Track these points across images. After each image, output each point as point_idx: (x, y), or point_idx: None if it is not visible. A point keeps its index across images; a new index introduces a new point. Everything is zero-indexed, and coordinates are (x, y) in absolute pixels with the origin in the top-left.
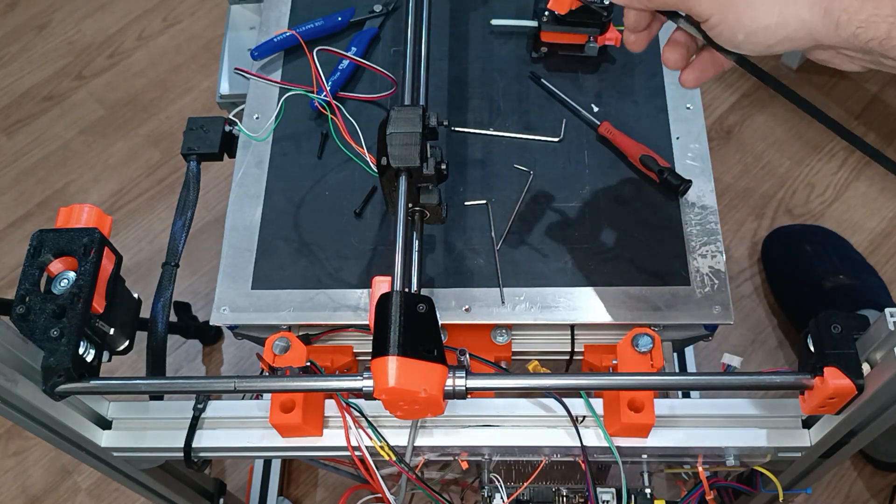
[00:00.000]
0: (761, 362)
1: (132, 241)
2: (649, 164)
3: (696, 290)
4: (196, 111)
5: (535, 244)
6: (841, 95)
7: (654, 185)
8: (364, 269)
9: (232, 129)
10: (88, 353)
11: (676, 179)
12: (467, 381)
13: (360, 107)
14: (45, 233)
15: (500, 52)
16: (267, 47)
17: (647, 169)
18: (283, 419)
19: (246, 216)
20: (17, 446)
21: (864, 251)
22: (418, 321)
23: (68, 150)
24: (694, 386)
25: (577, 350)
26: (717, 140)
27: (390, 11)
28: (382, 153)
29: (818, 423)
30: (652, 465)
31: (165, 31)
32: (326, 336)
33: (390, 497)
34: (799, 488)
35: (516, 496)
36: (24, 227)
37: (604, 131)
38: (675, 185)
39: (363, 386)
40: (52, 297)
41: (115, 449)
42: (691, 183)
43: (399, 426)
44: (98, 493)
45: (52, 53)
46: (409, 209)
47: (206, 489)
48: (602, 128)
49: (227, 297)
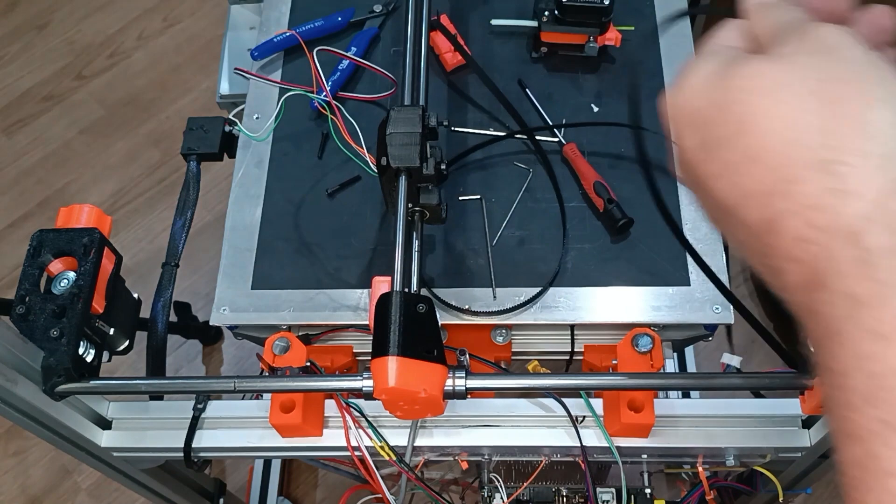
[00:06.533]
0: (761, 362)
1: (132, 241)
2: (600, 191)
3: (696, 290)
4: (196, 111)
5: (535, 244)
6: None
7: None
8: (364, 269)
9: (232, 129)
10: (88, 353)
11: (620, 214)
12: (467, 381)
13: (360, 107)
14: (45, 233)
15: (500, 52)
16: (267, 47)
17: (597, 196)
18: (283, 419)
19: (246, 216)
20: (17, 446)
21: None
22: (418, 321)
23: (68, 150)
24: (694, 386)
25: (577, 350)
26: None
27: (390, 11)
28: (382, 153)
29: (818, 423)
30: (652, 465)
31: (165, 31)
32: (326, 336)
33: (390, 497)
34: (799, 488)
35: (516, 496)
36: (24, 227)
37: (567, 151)
38: (617, 219)
39: (363, 386)
40: (52, 297)
41: (115, 449)
42: (633, 222)
43: (399, 426)
44: (98, 493)
45: (52, 53)
46: (409, 209)
47: (206, 489)
48: (567, 147)
49: (227, 297)
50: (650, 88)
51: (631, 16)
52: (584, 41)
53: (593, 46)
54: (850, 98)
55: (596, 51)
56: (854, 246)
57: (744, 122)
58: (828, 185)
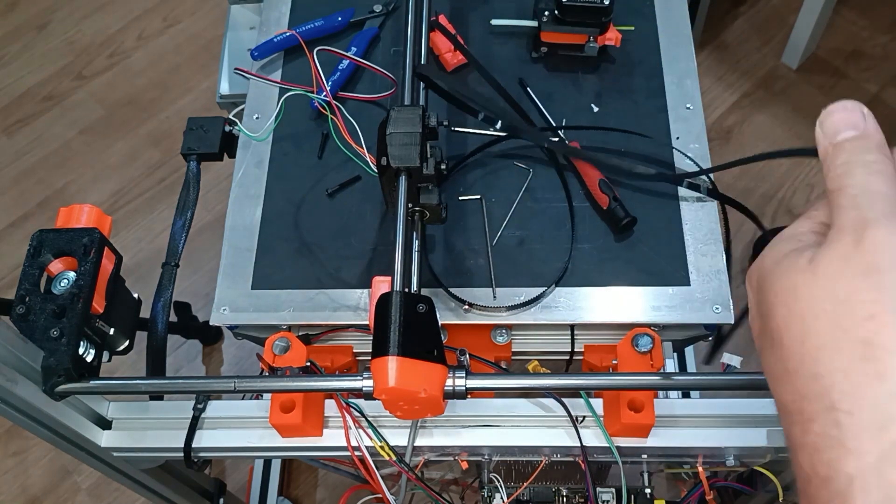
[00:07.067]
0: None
1: (132, 241)
2: (604, 189)
3: (696, 290)
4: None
5: (536, 244)
6: (841, 95)
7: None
8: (364, 269)
9: (232, 129)
10: (88, 353)
11: (623, 213)
12: (467, 381)
13: (360, 107)
14: (45, 233)
15: (500, 52)
16: (267, 47)
17: (602, 193)
18: (283, 419)
19: (246, 216)
20: (17, 446)
21: None
22: (418, 321)
23: (68, 150)
24: (694, 386)
25: (577, 350)
26: (717, 140)
27: (390, 11)
28: (382, 153)
29: None
30: (652, 465)
31: (165, 31)
32: (326, 336)
33: (390, 497)
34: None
35: (516, 496)
36: (24, 227)
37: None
38: (620, 218)
39: (363, 386)
40: (52, 297)
41: (115, 449)
42: (636, 220)
43: (399, 426)
44: (98, 493)
45: (52, 53)
46: (409, 209)
47: (206, 489)
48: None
49: (227, 297)
50: (650, 88)
51: (631, 16)
52: (584, 41)
53: (593, 46)
54: (876, 346)
55: (596, 51)
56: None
57: (781, 336)
58: (832, 434)
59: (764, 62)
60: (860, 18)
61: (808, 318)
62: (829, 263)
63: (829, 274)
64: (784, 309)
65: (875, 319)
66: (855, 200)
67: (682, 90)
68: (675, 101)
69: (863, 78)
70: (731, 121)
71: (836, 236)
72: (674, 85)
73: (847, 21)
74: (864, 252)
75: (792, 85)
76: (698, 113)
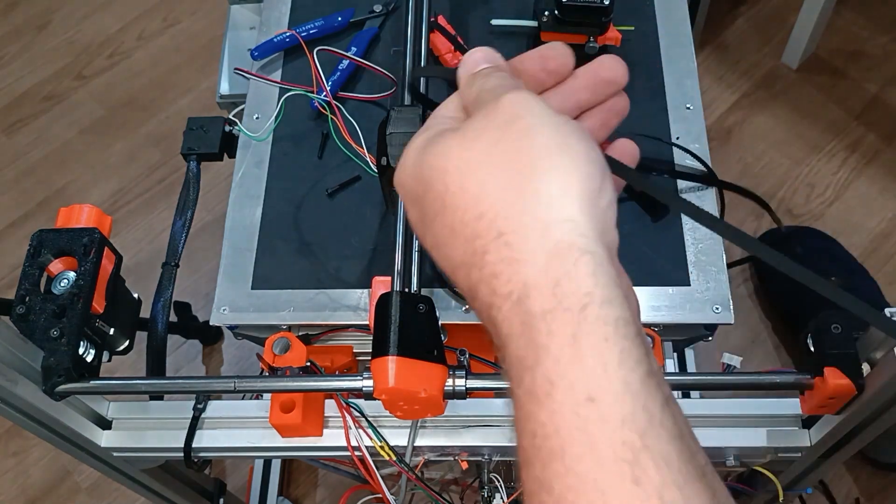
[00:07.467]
0: (761, 362)
1: (132, 241)
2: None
3: (696, 290)
4: (196, 111)
5: None
6: (841, 95)
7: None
8: (364, 269)
9: (232, 129)
10: (88, 353)
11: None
12: (467, 381)
13: (360, 107)
14: (45, 233)
15: (500, 52)
16: (267, 47)
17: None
18: (283, 419)
19: (246, 216)
20: (17, 446)
21: (863, 251)
22: (418, 321)
23: (68, 150)
24: (694, 386)
25: None
26: (717, 140)
27: (390, 11)
28: (382, 153)
29: (818, 423)
30: None
31: (165, 31)
32: (326, 336)
33: (390, 497)
34: (799, 488)
35: (516, 496)
36: (24, 227)
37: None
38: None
39: (363, 386)
40: (52, 297)
41: (115, 449)
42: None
43: (399, 426)
44: (98, 493)
45: (52, 53)
46: None
47: (206, 489)
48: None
49: (227, 297)
50: (650, 88)
51: (631, 16)
52: (584, 41)
53: (593, 46)
54: (524, 169)
55: (596, 51)
56: (521, 311)
57: (444, 200)
58: (504, 254)
59: (764, 62)
60: (860, 18)
61: (464, 170)
62: (474, 123)
63: (476, 129)
64: (440, 173)
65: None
66: (492, 91)
67: (682, 90)
68: (675, 101)
69: (863, 78)
70: (731, 121)
71: (476, 108)
72: (674, 85)
73: (847, 21)
74: (504, 107)
75: (792, 85)
76: (698, 113)
